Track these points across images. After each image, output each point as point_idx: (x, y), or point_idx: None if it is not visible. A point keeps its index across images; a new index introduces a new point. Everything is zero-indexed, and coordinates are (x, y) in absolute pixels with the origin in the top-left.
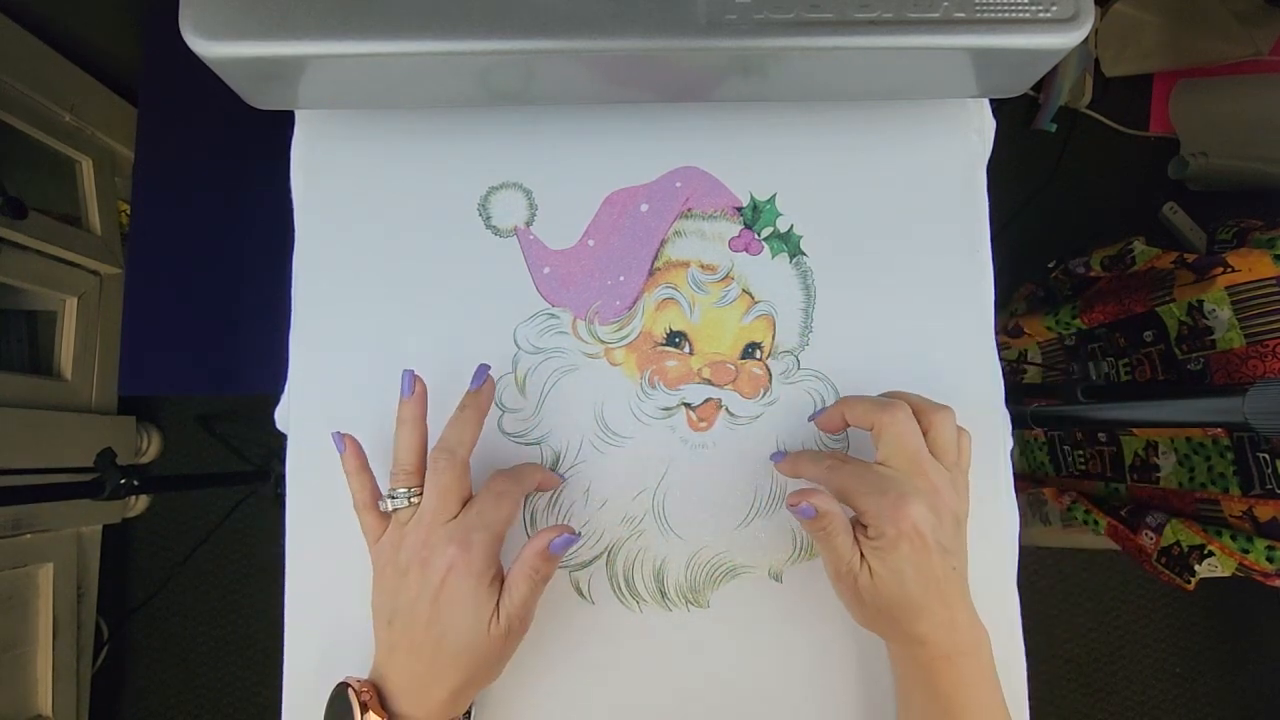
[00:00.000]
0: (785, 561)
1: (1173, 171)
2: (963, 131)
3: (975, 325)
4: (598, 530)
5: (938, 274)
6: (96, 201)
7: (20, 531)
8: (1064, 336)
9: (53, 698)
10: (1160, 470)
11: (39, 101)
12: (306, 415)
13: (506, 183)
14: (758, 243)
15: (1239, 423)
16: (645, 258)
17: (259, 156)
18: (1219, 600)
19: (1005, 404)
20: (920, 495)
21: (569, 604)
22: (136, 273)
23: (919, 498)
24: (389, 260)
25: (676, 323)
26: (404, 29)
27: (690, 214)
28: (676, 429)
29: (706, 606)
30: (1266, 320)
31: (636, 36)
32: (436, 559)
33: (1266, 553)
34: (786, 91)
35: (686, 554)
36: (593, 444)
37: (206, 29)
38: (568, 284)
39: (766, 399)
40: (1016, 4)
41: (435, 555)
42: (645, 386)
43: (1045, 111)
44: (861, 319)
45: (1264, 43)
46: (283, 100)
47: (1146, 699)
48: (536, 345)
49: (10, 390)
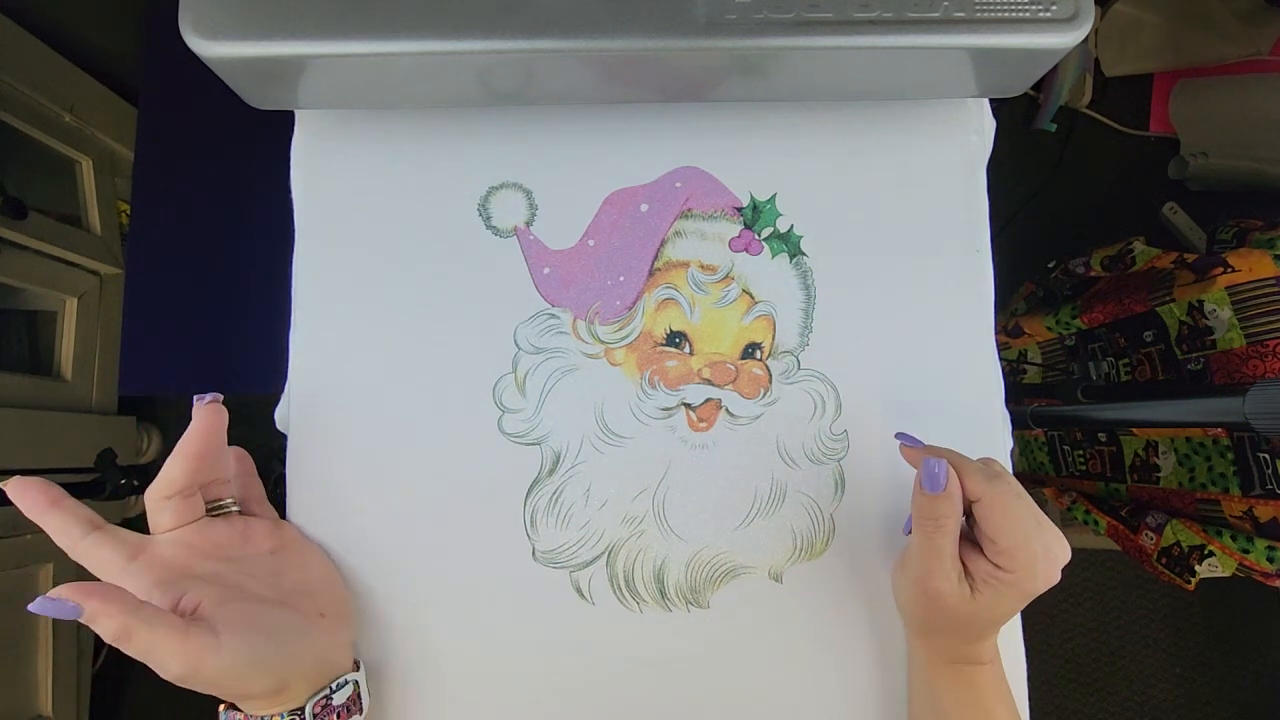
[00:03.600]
0: (785, 562)
1: (1173, 171)
2: (963, 131)
3: (976, 325)
4: (598, 530)
5: (938, 274)
6: (96, 201)
7: (20, 531)
8: (1064, 336)
9: (53, 698)
10: (1160, 470)
11: (39, 101)
12: (306, 415)
13: (506, 183)
14: (758, 243)
15: (1239, 423)
16: (645, 258)
17: (259, 156)
18: (1219, 600)
19: (1005, 404)
20: (1062, 559)
21: (569, 605)
22: (136, 273)
23: (1062, 560)
24: (389, 261)
25: (676, 323)
26: (404, 29)
27: (690, 214)
28: (677, 429)
29: (707, 607)
30: (1267, 320)
31: (636, 36)
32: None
33: (1267, 553)
34: (786, 91)
35: (687, 554)
36: (593, 444)
37: (206, 29)
38: (568, 284)
39: (767, 399)
40: (1016, 4)
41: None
42: (645, 387)
43: (1045, 111)
44: (862, 319)
45: (1264, 43)
46: (283, 100)
47: (1146, 699)
48: (537, 345)
49: (10, 390)
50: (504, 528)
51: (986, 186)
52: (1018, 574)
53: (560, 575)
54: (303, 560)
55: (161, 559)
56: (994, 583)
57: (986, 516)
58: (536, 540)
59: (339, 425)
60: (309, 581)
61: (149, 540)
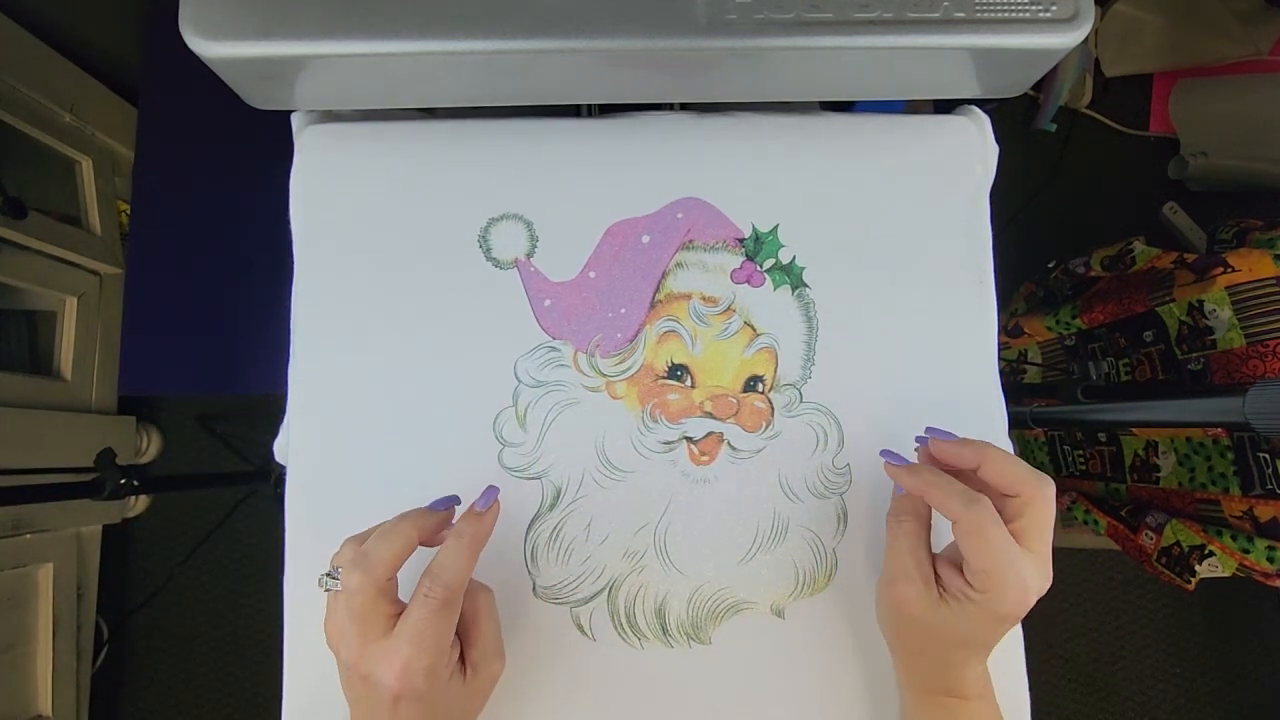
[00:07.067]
0: (788, 597)
1: (1173, 171)
2: (966, 162)
3: (979, 357)
4: (599, 565)
5: (942, 306)
6: (96, 201)
7: (20, 531)
8: (1064, 336)
9: (53, 698)
10: (1160, 470)
11: (39, 101)
12: (305, 448)
13: (507, 214)
14: (760, 274)
15: (1239, 423)
16: (647, 290)
17: (259, 156)
18: (1219, 600)
19: (1008, 436)
20: (1037, 589)
21: (570, 641)
22: (136, 273)
23: (1037, 590)
24: (389, 292)
25: (678, 356)
26: (404, 29)
27: (692, 245)
28: (678, 463)
29: (708, 643)
30: (1267, 320)
31: (636, 36)
32: (382, 684)
33: (1267, 553)
34: (786, 91)
35: (688, 590)
36: (594, 478)
37: (206, 29)
38: (569, 316)
39: (769, 433)
40: (1016, 4)
41: (380, 680)
42: (647, 420)
43: (1045, 111)
44: (865, 351)
45: (1264, 43)
46: (283, 100)
47: (1146, 699)
48: (537, 378)
49: (10, 390)
50: (504, 563)
51: (990, 216)
52: (987, 596)
53: (561, 611)
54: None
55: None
56: (961, 598)
57: (962, 538)
58: (537, 575)
59: (338, 457)
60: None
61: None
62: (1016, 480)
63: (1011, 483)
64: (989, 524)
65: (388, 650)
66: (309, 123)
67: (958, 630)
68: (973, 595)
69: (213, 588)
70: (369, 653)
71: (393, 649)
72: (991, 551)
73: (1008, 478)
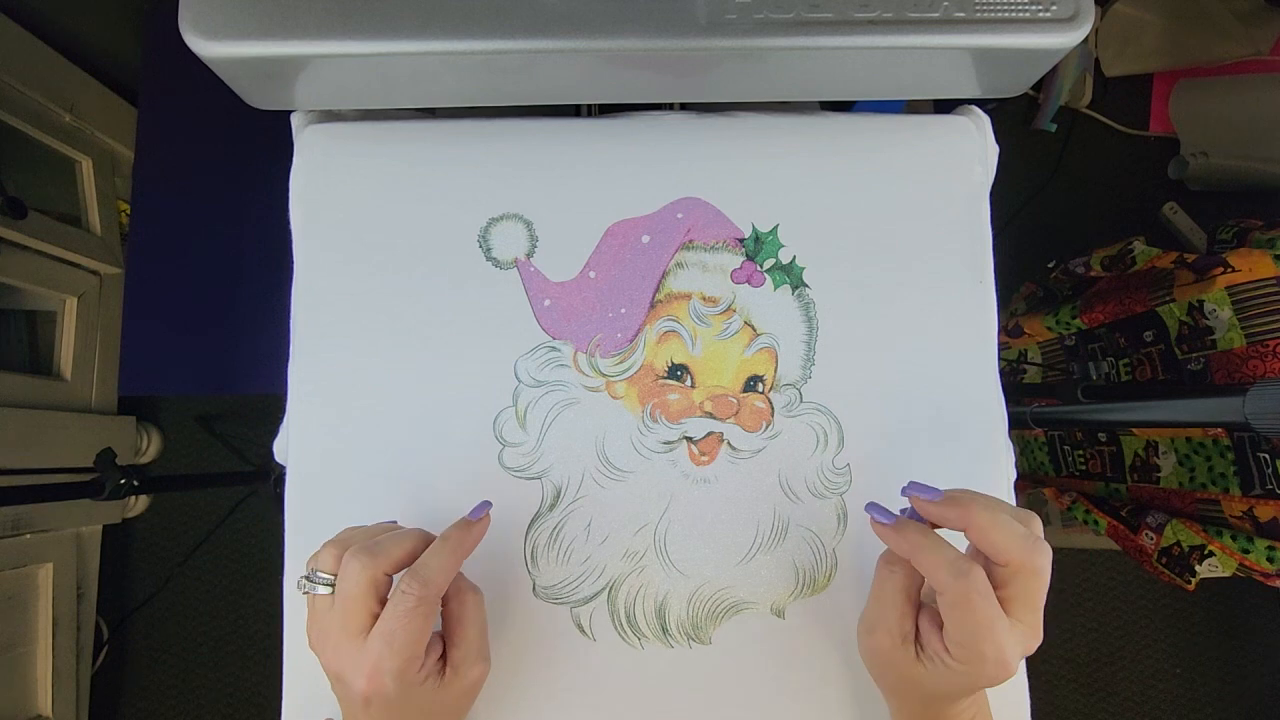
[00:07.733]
0: (788, 598)
1: (1173, 171)
2: (966, 162)
3: (979, 357)
4: (599, 565)
5: (941, 306)
6: (96, 201)
7: (20, 531)
8: (1064, 336)
9: (53, 698)
10: (1160, 470)
11: (39, 101)
12: (305, 448)
13: (507, 214)
14: (760, 274)
15: (1239, 423)
16: (647, 290)
17: (259, 156)
18: (1219, 600)
19: (1008, 436)
20: (1020, 656)
21: (570, 641)
22: (136, 273)
23: (1016, 661)
24: (389, 292)
25: (678, 356)
26: (404, 29)
27: (692, 245)
28: (678, 463)
29: (708, 643)
30: (1267, 320)
31: (636, 36)
32: (353, 686)
33: (1267, 553)
34: (786, 91)
35: (688, 590)
36: (594, 478)
37: (206, 29)
38: (569, 316)
39: (769, 433)
40: (1016, 4)
41: (350, 681)
42: (647, 420)
43: (1045, 111)
44: (864, 351)
45: (1264, 43)
46: (283, 100)
47: (1146, 699)
48: (537, 378)
49: (10, 390)
50: (504, 563)
51: (990, 216)
52: (965, 666)
53: (561, 611)
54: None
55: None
56: (938, 662)
57: (946, 608)
58: (537, 575)
59: (338, 458)
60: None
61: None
62: (1004, 550)
63: (999, 552)
64: (976, 597)
65: (361, 651)
66: (309, 122)
67: (937, 687)
68: (949, 662)
69: (213, 588)
70: (343, 652)
71: (365, 649)
72: (974, 625)
73: (995, 547)
